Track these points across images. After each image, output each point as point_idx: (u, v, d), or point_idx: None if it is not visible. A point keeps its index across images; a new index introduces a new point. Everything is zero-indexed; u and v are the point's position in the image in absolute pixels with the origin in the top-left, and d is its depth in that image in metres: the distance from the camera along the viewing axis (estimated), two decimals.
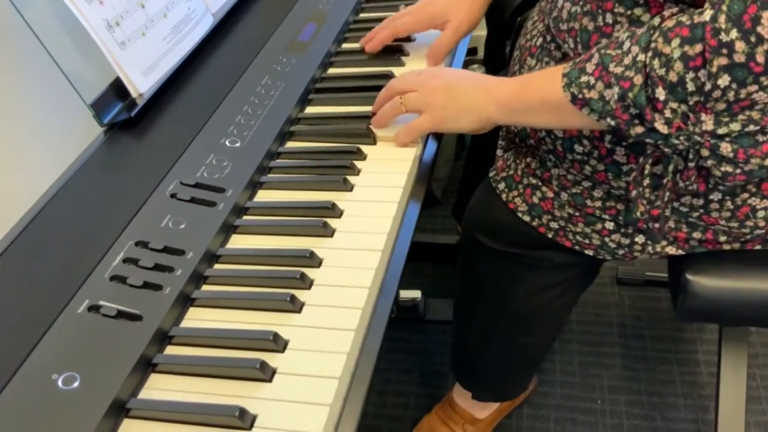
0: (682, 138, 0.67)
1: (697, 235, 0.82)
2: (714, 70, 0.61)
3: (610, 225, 0.85)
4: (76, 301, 0.59)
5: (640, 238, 0.84)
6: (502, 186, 0.93)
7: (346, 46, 0.98)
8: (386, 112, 0.80)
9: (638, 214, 0.78)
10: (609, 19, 0.74)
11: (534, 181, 0.89)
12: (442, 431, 1.26)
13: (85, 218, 0.69)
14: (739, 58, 0.60)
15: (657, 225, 0.76)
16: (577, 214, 0.86)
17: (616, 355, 1.40)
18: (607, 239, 0.86)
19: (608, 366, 1.38)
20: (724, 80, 0.61)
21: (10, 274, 0.62)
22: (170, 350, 0.59)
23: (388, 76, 0.88)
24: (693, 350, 1.41)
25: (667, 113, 0.65)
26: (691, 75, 0.62)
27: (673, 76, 0.63)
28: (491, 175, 0.96)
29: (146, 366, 0.57)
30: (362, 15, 1.05)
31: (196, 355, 0.58)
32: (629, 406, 1.31)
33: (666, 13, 0.66)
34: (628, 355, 1.40)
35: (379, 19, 1.02)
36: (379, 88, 0.82)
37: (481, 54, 1.86)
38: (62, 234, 0.67)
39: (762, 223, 0.78)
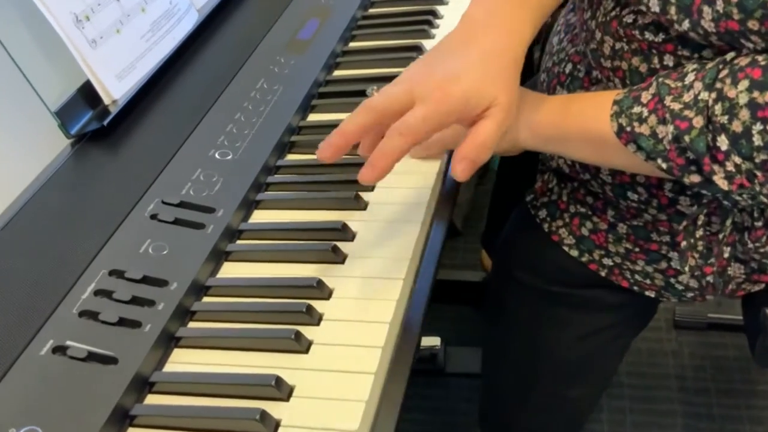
0: (745, 195, 0.66)
1: None
2: None
3: (677, 263, 0.83)
4: (38, 342, 0.58)
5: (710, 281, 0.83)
6: (543, 214, 0.92)
7: (354, 45, 0.99)
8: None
9: (686, 268, 0.77)
10: (670, 61, 0.72)
11: (583, 210, 0.88)
12: None
13: (50, 243, 0.68)
14: None
15: (710, 283, 0.75)
16: (638, 250, 0.85)
17: (675, 413, 1.38)
18: (673, 280, 0.85)
19: (666, 426, 1.37)
20: None
21: None
22: (151, 399, 0.57)
23: None
24: (767, 406, 1.39)
25: (729, 167, 0.64)
26: (758, 127, 0.61)
27: (737, 126, 0.62)
28: (528, 199, 0.95)
29: (122, 419, 0.55)
30: (372, 10, 1.06)
31: (183, 404, 0.57)
32: None
33: (744, 51, 0.65)
34: (689, 412, 1.38)
35: (393, 14, 1.02)
36: None
37: None
38: (22, 262, 0.66)
39: None
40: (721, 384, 1.43)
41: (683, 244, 0.75)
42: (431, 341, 1.47)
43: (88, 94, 0.80)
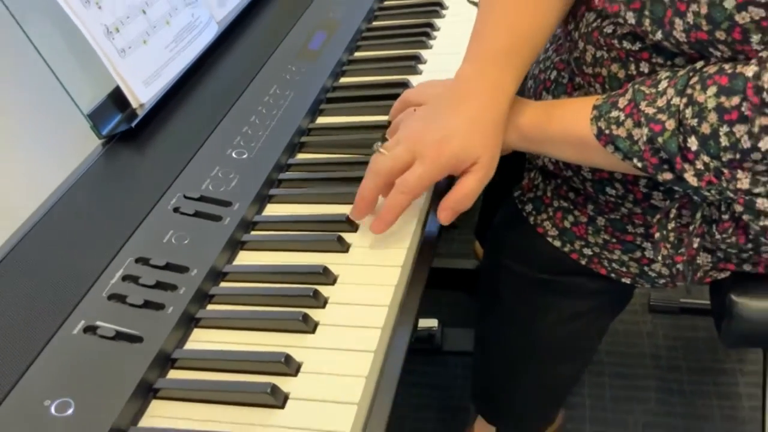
0: (713, 191, 0.65)
1: (747, 267, 0.81)
2: (756, 130, 0.59)
3: (650, 253, 0.83)
4: (71, 322, 0.58)
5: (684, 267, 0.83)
6: (529, 208, 0.92)
7: (358, 54, 0.98)
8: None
9: (659, 257, 0.76)
10: (645, 68, 0.71)
11: (565, 204, 0.87)
12: None
13: (82, 234, 0.68)
14: None
15: (680, 271, 0.75)
16: (615, 240, 0.84)
17: (650, 388, 1.38)
18: (647, 268, 0.84)
19: (642, 400, 1.36)
20: (765, 142, 0.59)
21: (4, 292, 0.61)
22: (173, 374, 0.57)
23: (404, 85, 0.88)
24: (734, 383, 1.38)
25: (699, 165, 0.63)
26: (725, 129, 0.60)
27: (705, 128, 0.61)
28: (516, 195, 0.95)
29: (147, 392, 0.55)
30: (375, 23, 1.05)
31: (202, 379, 0.57)
32: None
33: (713, 59, 0.64)
34: (663, 388, 1.38)
35: (394, 27, 1.02)
36: (394, 97, 0.81)
37: None
38: (57, 251, 0.66)
39: None
40: (692, 363, 1.42)
41: (657, 235, 0.74)
42: (429, 323, 1.46)
43: (117, 99, 0.80)
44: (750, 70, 0.59)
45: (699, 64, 0.64)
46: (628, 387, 1.38)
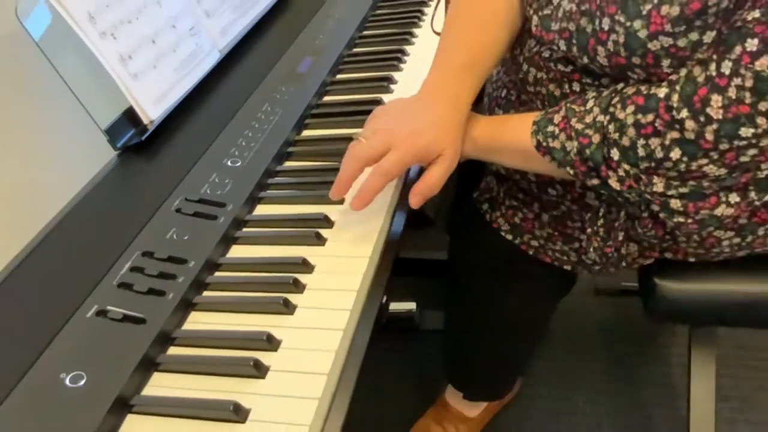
0: (633, 194, 0.66)
1: (668, 255, 0.81)
2: (667, 142, 0.60)
3: (586, 244, 0.83)
4: (85, 306, 0.58)
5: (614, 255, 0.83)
6: (485, 207, 0.92)
7: (340, 76, 0.98)
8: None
9: (591, 249, 0.77)
10: (576, 87, 0.72)
11: (515, 203, 0.88)
12: (436, 430, 1.23)
13: (98, 231, 0.68)
14: (689, 135, 0.59)
15: (610, 259, 0.75)
16: (557, 234, 0.85)
17: (595, 359, 1.38)
18: (583, 257, 0.85)
19: (588, 369, 1.36)
20: (675, 153, 0.60)
21: (27, 281, 0.62)
22: (172, 351, 0.57)
23: (378, 102, 0.88)
24: (666, 353, 1.39)
25: (621, 173, 0.64)
26: (642, 142, 0.61)
27: (625, 141, 0.62)
28: (475, 196, 0.95)
29: (149, 365, 0.55)
30: (355, 50, 1.05)
31: (197, 354, 0.57)
32: (608, 406, 1.29)
33: (632, 81, 0.65)
34: (606, 357, 1.38)
35: (374, 53, 1.02)
36: (368, 113, 0.81)
37: None
38: (76, 245, 0.66)
39: (727, 249, 0.77)
40: (631, 336, 1.43)
41: (588, 230, 0.75)
42: (409, 305, 1.46)
43: (130, 116, 0.79)
44: (662, 92, 0.60)
45: (620, 86, 0.65)
46: (576, 357, 1.39)
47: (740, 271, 0.79)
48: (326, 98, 0.93)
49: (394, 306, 1.44)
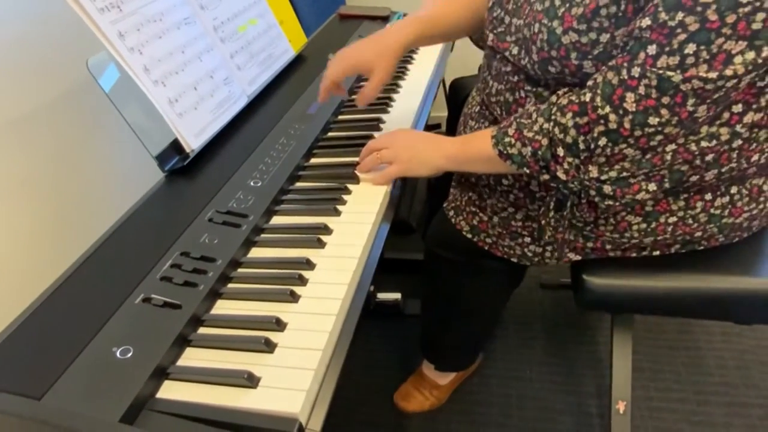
0: (576, 183, 0.66)
1: (589, 244, 0.80)
2: (595, 135, 0.60)
3: (527, 239, 0.83)
4: (134, 295, 0.58)
5: (548, 249, 0.83)
6: (451, 213, 0.91)
7: (341, 117, 0.98)
8: (367, 163, 0.79)
9: (546, 237, 0.76)
10: (522, 94, 0.73)
11: (474, 209, 0.87)
12: (414, 395, 1.22)
13: (147, 235, 0.67)
14: (612, 125, 0.59)
15: (561, 243, 0.75)
16: (505, 232, 0.84)
17: (539, 338, 1.37)
18: (526, 250, 0.84)
19: (534, 347, 1.35)
20: (602, 141, 0.60)
21: (90, 275, 0.61)
22: (201, 330, 0.57)
23: (369, 137, 0.87)
24: (594, 335, 1.38)
25: (566, 165, 0.64)
26: (582, 138, 0.62)
27: (569, 139, 0.62)
28: (444, 205, 0.95)
29: (183, 342, 0.55)
30: (354, 96, 1.04)
31: (220, 333, 0.56)
32: (549, 375, 1.28)
33: (560, 92, 0.65)
34: (548, 338, 1.37)
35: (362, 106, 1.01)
36: (363, 145, 0.81)
37: (443, 128, 1.86)
38: (129, 246, 0.65)
39: (636, 234, 0.76)
40: (568, 322, 1.41)
41: (542, 222, 0.75)
42: (395, 295, 1.44)
43: (175, 146, 0.79)
44: (587, 96, 0.61)
45: (554, 98, 0.65)
46: (525, 338, 1.37)
47: (653, 269, 0.79)
48: (330, 134, 0.93)
49: (383, 296, 1.42)
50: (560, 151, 0.63)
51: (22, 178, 0.80)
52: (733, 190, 0.71)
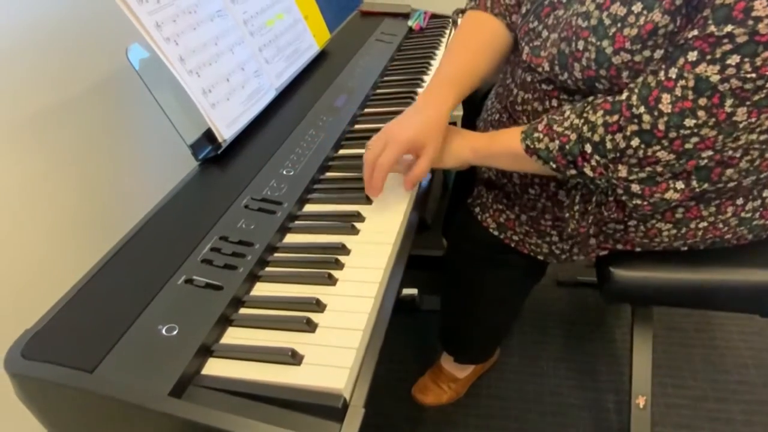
0: (603, 180, 0.66)
1: (619, 246, 0.81)
2: (628, 134, 0.60)
3: (555, 238, 0.83)
4: (177, 276, 0.59)
5: (575, 246, 0.83)
6: (477, 210, 0.92)
7: (367, 110, 0.99)
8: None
9: (570, 229, 0.76)
10: (555, 103, 0.73)
11: (500, 207, 0.88)
12: (432, 388, 1.23)
13: (187, 221, 0.68)
14: (645, 126, 0.59)
15: (582, 237, 0.75)
16: (532, 230, 0.85)
17: (557, 335, 1.38)
18: (554, 248, 0.85)
19: (552, 342, 1.35)
20: (635, 142, 0.60)
21: (133, 257, 0.62)
22: (242, 311, 0.58)
23: None
24: (612, 332, 1.38)
25: (593, 162, 0.64)
26: (609, 137, 0.62)
27: (596, 138, 0.62)
28: (469, 201, 0.95)
29: (225, 321, 0.56)
30: (378, 90, 1.06)
31: (261, 314, 0.57)
32: (566, 371, 1.28)
33: (600, 95, 0.66)
34: (565, 335, 1.37)
35: (393, 93, 1.02)
36: None
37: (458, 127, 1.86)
38: (171, 230, 0.67)
39: (666, 239, 0.77)
40: (584, 318, 1.42)
41: (567, 214, 0.75)
42: (412, 291, 1.46)
43: (209, 136, 0.80)
44: (623, 95, 0.61)
45: (590, 99, 0.65)
46: (543, 334, 1.38)
47: (680, 262, 0.79)
48: (357, 126, 0.94)
49: None
50: (588, 148, 0.63)
51: (69, 161, 0.82)
52: (765, 193, 0.71)
